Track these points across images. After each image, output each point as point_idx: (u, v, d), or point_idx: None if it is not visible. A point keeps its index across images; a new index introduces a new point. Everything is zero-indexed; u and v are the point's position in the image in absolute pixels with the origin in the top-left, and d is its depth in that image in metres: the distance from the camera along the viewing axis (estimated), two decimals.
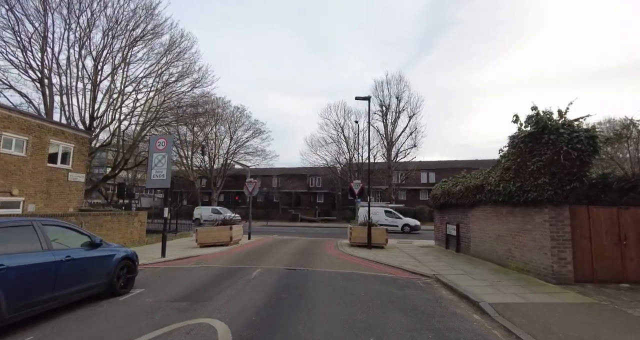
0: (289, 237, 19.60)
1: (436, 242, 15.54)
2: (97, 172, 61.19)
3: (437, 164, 50.23)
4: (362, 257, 10.94)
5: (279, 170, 52.85)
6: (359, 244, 13.70)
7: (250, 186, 17.54)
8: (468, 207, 11.75)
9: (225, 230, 14.44)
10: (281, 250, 12.80)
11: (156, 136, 13.46)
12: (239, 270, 8.95)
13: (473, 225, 11.55)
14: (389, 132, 40.33)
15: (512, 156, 8.57)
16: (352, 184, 16.01)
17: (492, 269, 9.26)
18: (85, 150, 16.72)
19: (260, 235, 20.57)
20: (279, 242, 16.15)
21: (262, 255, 11.46)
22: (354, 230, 13.87)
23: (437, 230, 15.46)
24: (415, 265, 9.83)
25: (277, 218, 43.69)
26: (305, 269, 9.00)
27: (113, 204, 59.08)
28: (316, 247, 13.89)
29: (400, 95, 40.29)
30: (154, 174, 12.04)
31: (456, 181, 13.07)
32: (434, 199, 14.88)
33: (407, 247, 14.37)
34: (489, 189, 9.82)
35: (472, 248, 11.56)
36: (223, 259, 10.86)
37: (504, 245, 9.45)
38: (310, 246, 14.43)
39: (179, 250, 13.16)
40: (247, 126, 48.73)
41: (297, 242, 16.66)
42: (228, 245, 14.31)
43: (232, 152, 48.37)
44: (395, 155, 40.60)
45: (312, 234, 23.52)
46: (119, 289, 6.39)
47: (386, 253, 12.30)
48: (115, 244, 7.63)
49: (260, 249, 13.19)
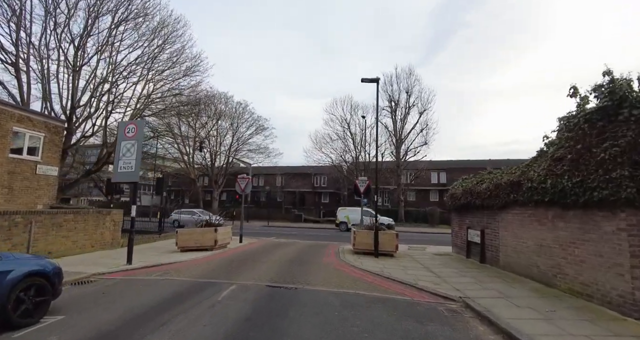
0: (286, 240, 17.65)
1: (454, 249, 13.43)
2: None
3: (448, 164, 47.86)
4: (367, 270, 8.89)
5: (282, 168, 50.97)
6: (364, 251, 11.67)
7: (243, 183, 15.63)
8: (497, 209, 9.64)
9: (210, 233, 12.53)
10: (272, 258, 10.83)
11: (125, 122, 11.62)
12: (208, 286, 7.00)
13: (504, 231, 9.44)
14: (398, 129, 38.18)
15: (566, 142, 6.48)
16: (357, 182, 14.01)
17: (533, 289, 7.17)
18: (58, 140, 14.97)
19: (256, 238, 18.65)
20: (273, 247, 14.20)
21: (246, 265, 9.50)
22: (358, 235, 11.84)
23: (455, 236, 13.35)
24: (435, 282, 7.77)
25: (280, 218, 41.79)
26: (294, 286, 7.01)
27: (114, 201, 57.89)
28: (314, 254, 11.89)
29: (410, 90, 38.14)
30: (122, 165, 10.18)
31: (481, 178, 10.97)
32: (452, 199, 12.79)
33: (420, 256, 12.30)
34: (528, 186, 7.72)
35: (502, 259, 9.45)
36: (198, 269, 8.93)
37: (548, 258, 7.35)
38: (307, 252, 12.44)
39: (153, 256, 11.29)
40: (250, 122, 46.99)
41: (294, 246, 14.69)
42: (213, 250, 12.40)
43: (234, 149, 46.66)
44: (405, 154, 38.43)
45: (313, 236, 21.54)
46: (18, 319, 4.48)
47: (396, 263, 10.26)
48: (29, 254, 5.74)
49: (248, 256, 11.24)
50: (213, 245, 12.46)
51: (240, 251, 12.54)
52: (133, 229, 10.00)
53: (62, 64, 17.74)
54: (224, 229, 13.29)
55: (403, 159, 38.21)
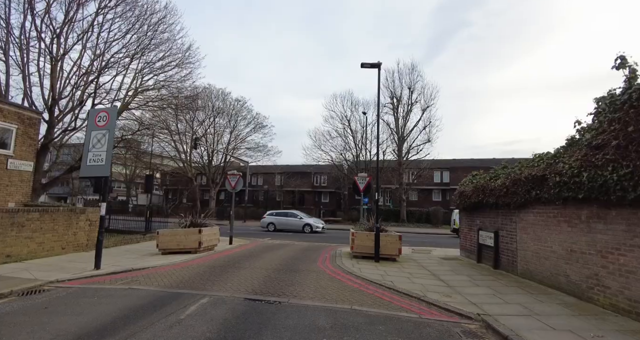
0: (281, 241, 16.49)
1: (462, 252, 12.24)
2: None
3: (451, 163, 46.73)
4: (367, 278, 7.70)
5: (282, 167, 49.79)
6: (364, 254, 10.49)
7: (233, 180, 14.46)
8: (515, 208, 8.46)
9: (193, 234, 11.38)
10: (259, 263, 9.67)
11: (96, 109, 10.49)
12: (176, 298, 5.85)
13: (522, 233, 8.25)
14: (400, 126, 36.94)
15: (609, 125, 5.29)
16: (356, 178, 12.83)
17: (565, 303, 5.98)
18: (34, 133, 13.84)
19: (250, 239, 17.51)
20: (264, 249, 13.04)
21: (228, 271, 8.34)
22: (358, 237, 10.65)
23: (464, 238, 12.17)
24: (446, 294, 6.59)
25: None
26: (277, 300, 5.85)
27: (112, 200, 56.86)
28: (308, 258, 10.71)
29: (412, 86, 36.89)
30: (91, 158, 9.06)
31: (495, 174, 9.78)
32: (461, 197, 11.60)
33: (425, 260, 11.11)
34: (556, 181, 6.54)
35: (521, 265, 8.27)
36: (173, 276, 7.77)
37: (582, 266, 6.17)
38: (301, 256, 11.27)
39: (130, 259, 10.15)
40: (248, 120, 45.86)
41: (288, 248, 13.53)
42: (197, 253, 11.25)
43: (232, 147, 45.53)
44: (407, 152, 37.17)
45: (311, 237, 20.37)
46: None
47: (399, 269, 9.07)
48: None
49: (233, 260, 10.08)
50: (197, 248, 11.31)
51: (227, 254, 11.37)
52: (102, 230, 8.87)
53: (42, 53, 16.62)
54: (210, 230, 12.13)
55: (405, 157, 36.97)
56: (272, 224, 24.61)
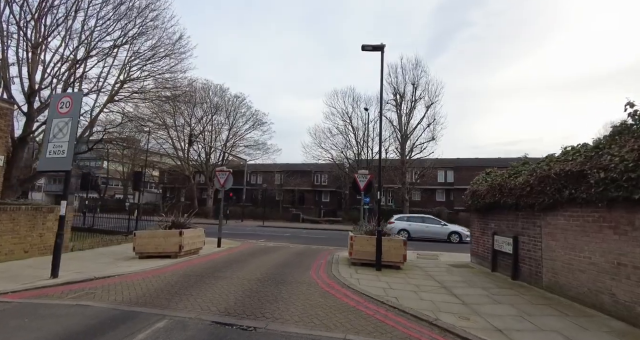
0: (275, 244, 15.31)
1: (474, 259, 11.01)
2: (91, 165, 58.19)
3: (455, 162, 45.35)
4: (366, 293, 6.45)
5: (281, 166, 48.64)
6: (364, 261, 9.28)
7: (222, 177, 13.29)
8: (541, 210, 7.23)
9: (173, 237, 10.20)
10: (244, 271, 8.47)
11: (59, 94, 9.33)
12: (128, 319, 4.67)
13: (550, 239, 7.03)
14: (403, 124, 35.67)
15: None
16: (356, 176, 11.62)
17: (614, 331, 4.77)
18: (5, 124, 12.66)
19: (243, 240, 16.34)
20: (254, 253, 11.86)
21: (203, 282, 7.14)
22: (357, 241, 9.43)
23: (476, 243, 10.93)
24: (462, 314, 5.37)
25: (277, 217, 39.51)
26: (253, 326, 4.64)
27: (110, 198, 55.89)
28: (300, 265, 9.50)
29: (416, 82, 35.59)
30: (51, 149, 7.88)
31: (516, 170, 8.54)
32: (473, 197, 10.36)
33: (433, 267, 9.89)
34: (601, 177, 5.31)
35: (547, 277, 7.04)
36: (136, 288, 6.58)
37: (636, 285, 4.95)
38: (294, 262, 10.06)
39: (100, 264, 9.00)
40: (247, 117, 44.74)
41: (280, 252, 12.34)
42: (177, 257, 10.08)
43: (230, 144, 44.43)
44: (410, 150, 35.89)
45: (308, 238, 19.19)
46: None
47: (404, 280, 7.85)
48: None
49: (214, 268, 8.89)
50: (177, 252, 10.13)
51: (210, 259, 10.18)
52: (62, 232, 7.68)
53: (21, 41, 15.47)
54: (193, 232, 10.95)
55: (408, 155, 35.70)
56: (404, 231, 19.38)
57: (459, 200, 45.84)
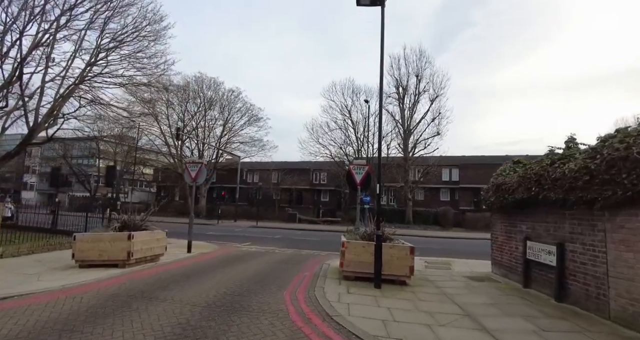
0: (260, 248, 13.24)
1: (496, 269, 8.89)
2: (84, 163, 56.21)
3: (461, 160, 43.08)
4: (358, 333, 4.30)
5: (278, 164, 46.57)
6: (359, 274, 7.17)
7: (194, 170, 11.22)
8: (607, 208, 5.13)
9: (120, 241, 8.14)
10: (196, 290, 6.35)
11: None
12: None
13: (622, 249, 4.92)
14: (406, 118, 33.57)
15: None
16: (351, 168, 9.51)
17: None
18: None
19: (223, 243, 14.33)
20: (227, 261, 9.78)
21: (127, 309, 5.05)
22: (350, 248, 7.30)
23: (499, 249, 8.81)
24: None
25: (273, 217, 37.44)
26: None
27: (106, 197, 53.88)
28: (276, 279, 7.39)
29: (420, 74, 33.53)
30: None
31: (562, 155, 6.42)
32: (497, 192, 8.23)
33: (447, 281, 7.78)
34: None
35: (620, 305, 4.92)
36: (20, 320, 4.52)
37: None
38: (269, 275, 7.94)
39: (21, 275, 7.01)
40: (242, 112, 42.64)
41: (260, 259, 10.27)
42: (125, 267, 8.03)
43: (224, 141, 42.39)
44: (413, 146, 33.79)
45: (301, 241, 17.12)
46: None
47: (412, 304, 5.74)
48: None
49: (163, 283, 6.79)
50: (125, 260, 8.07)
51: (165, 271, 8.10)
52: None
53: None
54: (149, 236, 8.87)
55: (411, 152, 33.61)
56: None
57: (465, 199, 43.66)
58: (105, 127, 47.56)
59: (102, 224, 12.17)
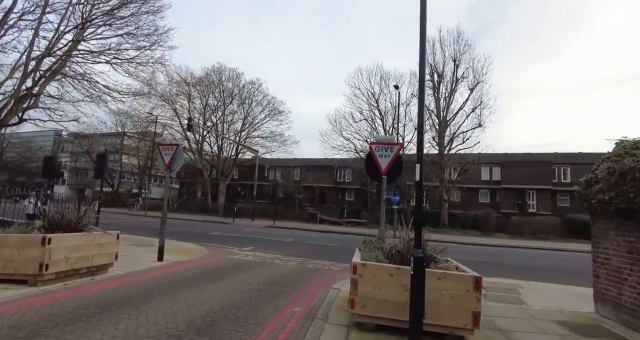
0: (259, 256, 10.47)
1: (605, 309, 5.54)
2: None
3: (503, 157, 38.28)
4: None
5: (301, 161, 43.95)
6: (383, 322, 4.12)
7: (167, 154, 8.58)
8: None
9: (31, 247, 5.59)
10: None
11: None
12: None
13: None
14: (442, 108, 29.79)
15: None
16: (372, 147, 6.45)
17: None
18: None
19: (218, 248, 11.76)
20: (198, 279, 7.04)
21: None
22: (367, 275, 4.24)
23: (615, 278, 5.43)
24: None
25: (293, 217, 34.80)
26: None
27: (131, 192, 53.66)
28: (243, 324, 4.51)
29: (458, 58, 29.59)
30: None
31: None
32: (621, 183, 4.92)
33: (531, 335, 4.59)
34: None
35: None
36: None
37: None
38: (237, 311, 5.00)
39: None
40: (263, 105, 40.34)
41: (247, 274, 7.48)
42: (37, 285, 5.49)
43: (244, 135, 40.32)
44: (450, 141, 29.94)
45: (314, 247, 14.24)
46: None
47: None
48: None
49: (54, 324, 4.09)
50: (36, 274, 5.51)
51: (85, 296, 5.43)
52: None
53: None
54: (81, 239, 6.24)
55: (447, 147, 29.78)
56: None
57: (508, 201, 38.63)
58: (129, 122, 47.34)
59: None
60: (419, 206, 4.20)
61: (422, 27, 4.48)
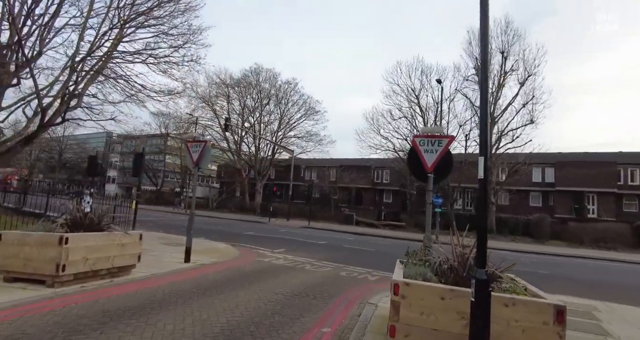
0: (290, 260, 9.87)
1: None
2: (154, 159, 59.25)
3: (557, 157, 34.96)
4: None
5: (337, 161, 43.20)
6: None
7: (196, 150, 8.22)
8: None
9: (49, 246, 5.33)
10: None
11: None
12: None
13: None
14: (489, 104, 27.64)
15: None
16: (416, 141, 5.56)
17: None
18: None
19: (248, 248, 11.33)
20: (222, 285, 6.53)
21: None
22: (412, 297, 3.41)
23: None
24: None
25: (328, 218, 34.16)
26: None
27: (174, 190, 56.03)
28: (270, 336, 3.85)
29: (506, 50, 27.32)
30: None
31: None
32: None
33: None
34: None
35: None
36: None
37: None
38: (256, 330, 4.43)
39: None
40: (299, 105, 40.14)
41: (274, 284, 6.86)
42: (54, 286, 5.23)
43: (280, 135, 40.35)
44: (498, 139, 27.76)
45: (349, 251, 13.42)
46: None
47: None
48: None
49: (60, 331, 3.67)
50: (54, 275, 5.24)
51: (99, 300, 5.05)
52: None
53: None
54: (101, 239, 5.93)
55: (495, 145, 27.62)
56: None
57: (563, 205, 34.99)
58: (171, 124, 49.33)
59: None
60: (482, 211, 3.29)
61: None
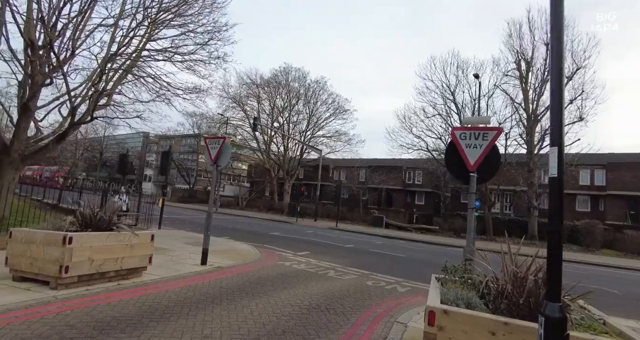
0: (313, 264, 9.25)
1: None
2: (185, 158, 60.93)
3: (607, 158, 32.00)
4: None
5: (366, 161, 42.19)
6: None
7: (214, 147, 7.80)
8: None
9: (53, 246, 5.03)
10: None
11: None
12: None
13: None
14: (531, 101, 25.72)
15: None
16: (455, 133, 4.75)
17: None
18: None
19: (272, 250, 10.85)
20: (234, 293, 6.02)
21: None
22: (451, 327, 2.71)
23: None
24: None
25: (357, 219, 33.33)
26: None
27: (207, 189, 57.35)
28: None
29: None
30: None
31: None
32: None
33: None
34: None
35: None
36: None
37: None
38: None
39: None
40: (328, 104, 39.58)
41: (293, 293, 6.27)
42: (58, 288, 4.93)
43: (309, 134, 39.98)
44: (541, 138, 25.71)
45: (378, 256, 12.58)
46: None
47: None
48: None
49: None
50: (57, 276, 4.94)
51: (89, 309, 4.60)
52: None
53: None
54: (108, 240, 5.57)
55: (538, 145, 25.61)
56: None
57: (615, 211, 31.57)
58: (203, 124, 50.42)
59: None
60: (557, 224, 2.48)
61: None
